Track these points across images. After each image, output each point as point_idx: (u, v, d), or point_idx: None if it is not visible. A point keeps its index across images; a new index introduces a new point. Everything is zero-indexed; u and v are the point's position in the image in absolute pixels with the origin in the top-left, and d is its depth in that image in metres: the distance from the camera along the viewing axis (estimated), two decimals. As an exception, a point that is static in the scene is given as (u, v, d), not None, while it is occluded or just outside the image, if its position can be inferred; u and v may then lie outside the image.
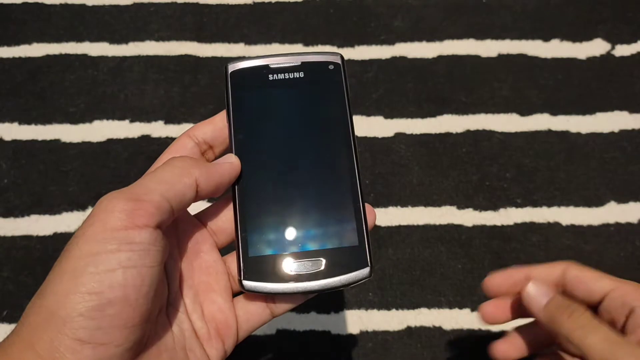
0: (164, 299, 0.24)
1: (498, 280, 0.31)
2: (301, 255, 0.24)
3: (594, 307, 0.29)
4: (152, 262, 0.21)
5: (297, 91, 0.27)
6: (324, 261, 0.24)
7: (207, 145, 0.27)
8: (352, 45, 0.60)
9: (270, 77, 0.27)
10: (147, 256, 0.21)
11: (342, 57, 0.28)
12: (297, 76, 0.27)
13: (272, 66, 0.27)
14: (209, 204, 0.29)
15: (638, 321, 0.26)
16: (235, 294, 0.27)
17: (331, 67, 0.27)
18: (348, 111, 0.27)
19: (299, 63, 0.27)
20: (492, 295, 0.32)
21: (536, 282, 0.29)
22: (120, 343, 0.19)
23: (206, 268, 0.26)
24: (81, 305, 0.19)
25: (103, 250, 0.20)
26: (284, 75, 0.27)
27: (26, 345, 0.19)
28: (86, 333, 0.19)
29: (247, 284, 0.24)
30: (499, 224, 0.50)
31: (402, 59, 0.59)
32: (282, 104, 0.27)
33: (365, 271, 0.24)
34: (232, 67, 0.28)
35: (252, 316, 0.26)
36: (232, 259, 0.27)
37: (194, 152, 0.27)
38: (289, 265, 0.24)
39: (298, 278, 0.24)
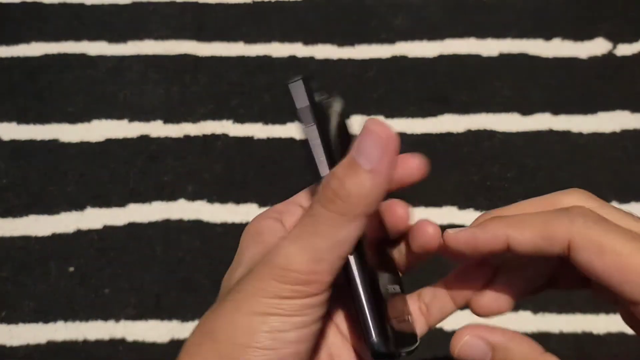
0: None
1: (462, 239, 0.22)
2: None
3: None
4: (321, 317, 0.21)
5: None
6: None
7: None
8: (352, 44, 0.59)
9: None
10: (318, 314, 0.21)
11: (301, 79, 0.23)
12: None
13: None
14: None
15: None
16: None
17: (293, 95, 0.23)
18: (324, 161, 0.22)
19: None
20: (452, 255, 0.23)
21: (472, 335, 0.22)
22: None
23: None
24: (257, 358, 0.20)
25: (276, 313, 0.20)
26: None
27: None
28: None
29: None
30: (500, 224, 0.50)
31: (403, 58, 0.59)
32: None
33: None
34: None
35: None
36: None
37: None
38: None
39: None
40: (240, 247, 0.25)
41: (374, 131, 0.21)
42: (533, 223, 0.20)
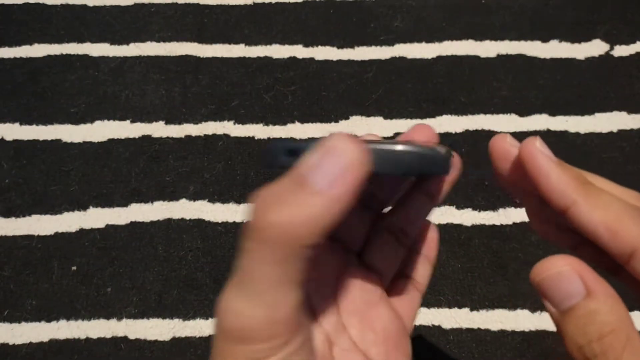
0: None
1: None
2: None
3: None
4: None
5: None
6: None
7: None
8: (351, 46, 0.60)
9: None
10: None
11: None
12: None
13: None
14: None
15: None
16: None
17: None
18: None
19: None
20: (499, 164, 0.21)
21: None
22: None
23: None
24: None
25: None
26: None
27: None
28: None
29: None
30: (497, 223, 0.50)
31: (402, 59, 0.59)
32: None
33: None
34: None
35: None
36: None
37: None
38: None
39: None
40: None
41: (341, 149, 0.15)
42: (608, 208, 0.17)
